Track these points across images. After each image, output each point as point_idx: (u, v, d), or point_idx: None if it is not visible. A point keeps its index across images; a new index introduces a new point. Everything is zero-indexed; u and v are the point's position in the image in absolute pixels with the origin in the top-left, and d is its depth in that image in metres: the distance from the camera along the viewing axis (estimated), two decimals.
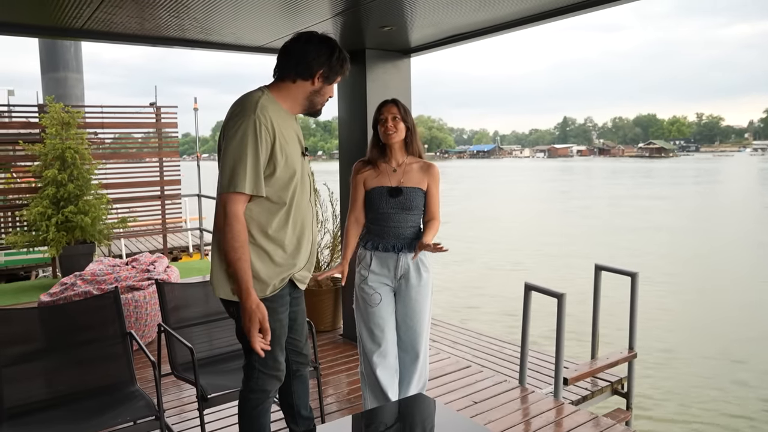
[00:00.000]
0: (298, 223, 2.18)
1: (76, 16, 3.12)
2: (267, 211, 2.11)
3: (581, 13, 3.23)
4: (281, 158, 2.07)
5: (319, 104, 2.23)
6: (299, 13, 3.28)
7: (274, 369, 2.23)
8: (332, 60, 2.16)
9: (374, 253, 2.82)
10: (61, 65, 11.17)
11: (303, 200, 2.20)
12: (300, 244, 2.20)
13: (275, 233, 2.12)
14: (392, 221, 2.79)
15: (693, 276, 12.41)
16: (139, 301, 4.47)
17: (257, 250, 2.11)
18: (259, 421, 2.28)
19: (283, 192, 2.11)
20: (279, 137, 2.07)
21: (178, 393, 3.67)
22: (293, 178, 2.12)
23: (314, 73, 2.15)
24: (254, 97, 2.10)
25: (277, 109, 2.12)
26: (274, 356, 2.21)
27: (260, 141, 2.01)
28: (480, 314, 9.47)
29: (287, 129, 2.13)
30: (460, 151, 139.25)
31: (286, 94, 2.17)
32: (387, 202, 2.78)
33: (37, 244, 7.09)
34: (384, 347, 2.82)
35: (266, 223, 2.11)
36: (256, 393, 2.23)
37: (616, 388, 4.14)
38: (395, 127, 2.75)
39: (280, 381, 2.28)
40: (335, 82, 2.24)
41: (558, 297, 3.43)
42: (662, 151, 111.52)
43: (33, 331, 2.79)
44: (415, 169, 2.82)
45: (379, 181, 2.81)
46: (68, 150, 7.02)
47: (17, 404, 2.60)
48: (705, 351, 7.78)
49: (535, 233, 18.52)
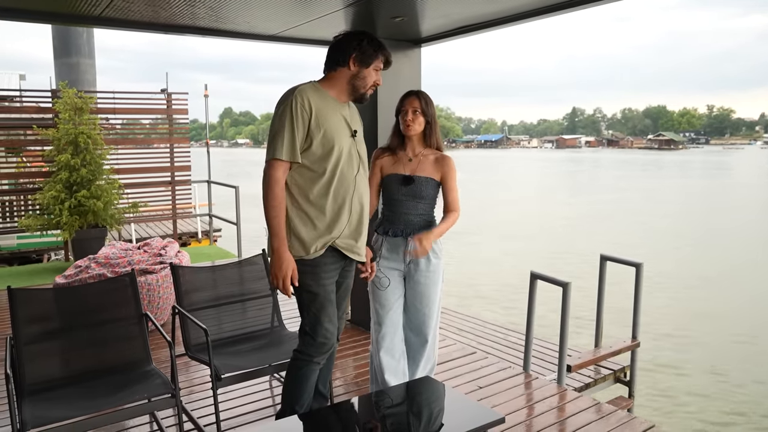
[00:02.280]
0: (339, 193, 2.42)
1: (94, 3, 3.17)
2: (308, 179, 2.40)
3: (592, 6, 3.26)
4: (318, 133, 2.36)
5: (362, 88, 2.48)
6: (312, 3, 3.33)
7: (321, 336, 2.44)
8: (362, 44, 2.43)
9: (385, 238, 2.92)
10: (74, 51, 11.23)
11: (348, 175, 2.44)
12: (340, 212, 2.42)
13: (316, 199, 2.39)
14: (403, 208, 2.88)
15: (698, 268, 12.43)
16: (152, 284, 4.56)
17: (300, 213, 2.40)
18: (300, 382, 2.50)
19: (321, 162, 2.38)
20: (317, 115, 2.36)
21: (189, 374, 3.77)
22: (331, 152, 2.38)
23: (348, 58, 2.43)
24: (298, 85, 2.42)
25: (321, 95, 2.42)
26: (321, 322, 2.44)
27: (296, 116, 2.33)
28: (485, 302, 9.55)
29: (331, 111, 2.42)
30: (468, 140, 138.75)
31: (332, 82, 2.48)
32: (399, 189, 2.87)
33: (51, 228, 7.20)
34: (385, 329, 2.92)
35: (308, 189, 2.40)
36: (303, 354, 2.49)
37: (619, 376, 4.21)
38: (414, 120, 2.83)
39: (328, 349, 2.49)
40: (372, 65, 2.47)
41: (563, 286, 3.49)
42: (672, 143, 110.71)
43: (52, 311, 2.88)
44: (430, 160, 2.90)
45: (394, 169, 2.91)
46: (81, 135, 7.09)
47: (37, 381, 2.69)
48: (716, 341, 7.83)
49: (540, 223, 18.53)
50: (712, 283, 11.18)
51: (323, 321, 2.45)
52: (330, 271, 2.46)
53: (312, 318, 2.45)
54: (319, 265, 2.42)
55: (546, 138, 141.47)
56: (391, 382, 2.88)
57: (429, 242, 2.77)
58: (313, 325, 2.45)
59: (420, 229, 2.87)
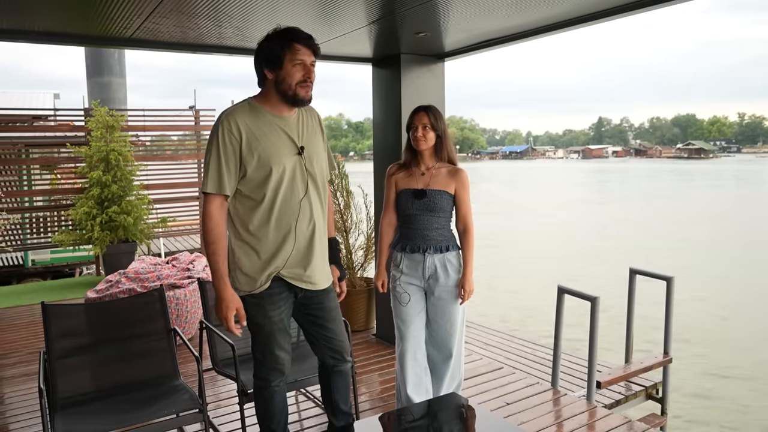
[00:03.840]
0: (283, 221, 2.25)
1: (126, 26, 3.27)
2: (248, 208, 2.25)
3: (614, 18, 3.23)
4: (251, 159, 2.19)
5: (288, 90, 2.21)
6: (335, 21, 3.37)
7: (272, 362, 2.41)
8: (265, 48, 2.23)
9: (404, 254, 2.92)
10: (106, 70, 11.58)
11: (292, 199, 2.25)
12: (285, 241, 2.26)
13: (256, 230, 2.25)
14: (418, 223, 2.87)
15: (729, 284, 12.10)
16: (180, 298, 4.63)
17: (242, 244, 2.27)
18: (266, 404, 2.48)
19: (258, 190, 2.22)
20: (248, 138, 2.19)
21: (216, 389, 3.80)
22: (269, 176, 2.20)
23: (261, 69, 2.24)
24: (228, 108, 2.27)
25: (256, 113, 2.24)
26: (271, 351, 2.39)
27: (223, 144, 2.18)
28: (512, 317, 9.43)
29: (268, 129, 2.23)
30: (492, 152, 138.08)
31: (265, 96, 2.28)
32: (412, 203, 2.86)
33: (83, 243, 7.38)
34: (407, 344, 2.91)
35: (248, 219, 2.25)
36: (259, 380, 2.46)
37: (651, 392, 4.11)
38: (424, 136, 2.83)
39: (281, 373, 2.45)
40: (287, 62, 2.18)
41: (591, 300, 3.44)
42: (701, 152, 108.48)
43: (83, 326, 2.94)
44: (443, 173, 2.89)
45: (407, 183, 2.91)
46: (112, 152, 7.28)
47: (69, 395, 2.74)
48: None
49: (568, 236, 18.29)
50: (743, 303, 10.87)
51: (273, 349, 2.38)
52: (277, 302, 2.32)
53: (260, 347, 2.40)
54: (264, 297, 2.29)
55: (572, 148, 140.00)
56: (414, 399, 2.86)
57: (469, 283, 2.88)
58: (262, 352, 2.40)
59: (438, 243, 2.86)
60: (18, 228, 7.83)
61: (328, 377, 2.55)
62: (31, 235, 8.08)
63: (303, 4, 3.02)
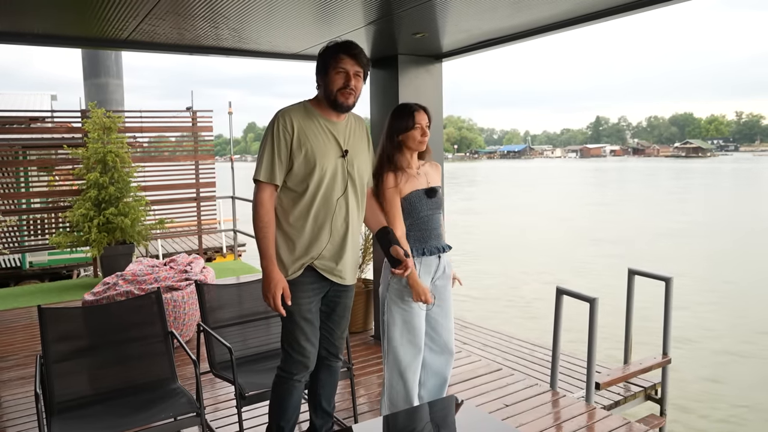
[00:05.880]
0: (320, 215, 2.42)
1: (122, 28, 3.26)
2: (291, 200, 2.42)
3: (611, 19, 3.23)
4: (300, 153, 2.37)
5: (331, 95, 2.39)
6: (333, 22, 3.36)
7: (297, 353, 2.48)
8: (319, 58, 2.45)
9: (419, 259, 2.76)
10: (103, 72, 11.56)
11: (331, 197, 2.42)
12: (320, 234, 2.42)
13: (296, 221, 2.42)
14: (432, 223, 2.80)
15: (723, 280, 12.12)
16: (178, 300, 4.61)
17: (282, 234, 2.44)
18: (283, 398, 2.54)
19: (302, 184, 2.39)
20: (299, 135, 2.38)
21: (214, 391, 3.79)
22: (313, 172, 2.37)
23: (317, 76, 2.47)
24: (284, 107, 2.46)
25: (309, 115, 2.44)
26: (297, 340, 2.47)
27: (277, 138, 2.37)
28: (510, 317, 9.43)
29: (318, 130, 2.42)
30: (491, 151, 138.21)
31: (318, 101, 2.49)
32: (426, 203, 2.77)
33: (80, 245, 7.35)
34: (420, 355, 2.85)
35: (290, 210, 2.42)
36: (283, 372, 2.54)
37: (650, 393, 4.10)
38: (428, 136, 2.79)
39: (306, 367, 2.51)
40: (331, 69, 2.38)
41: (590, 301, 3.43)
42: (699, 150, 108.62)
43: (80, 329, 2.92)
44: (430, 169, 2.89)
45: (412, 186, 2.78)
46: (109, 154, 7.26)
47: (66, 399, 2.72)
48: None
49: (566, 236, 18.30)
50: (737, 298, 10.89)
51: (299, 339, 2.47)
52: (308, 290, 2.46)
53: (288, 335, 2.49)
54: (296, 284, 2.43)
55: (570, 147, 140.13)
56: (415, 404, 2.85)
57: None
58: (290, 342, 2.49)
59: (445, 243, 2.88)
60: (15, 230, 7.81)
61: (317, 370, 2.62)
62: (29, 236, 8.05)
63: (300, 6, 3.01)
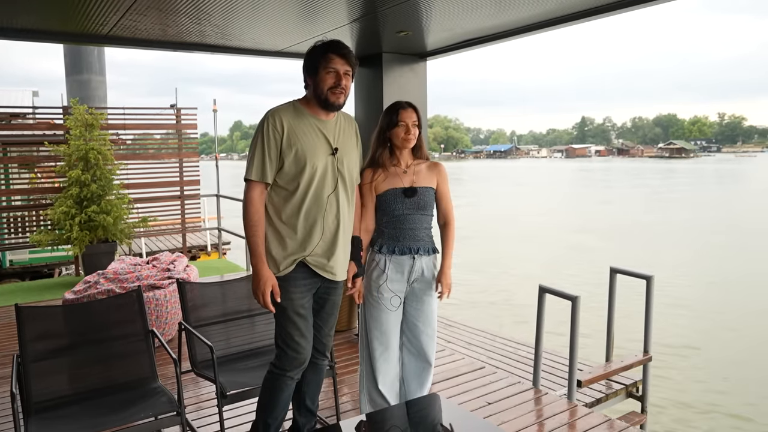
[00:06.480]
0: (311, 213, 2.45)
1: (102, 23, 3.22)
2: (282, 198, 2.45)
3: (596, 18, 3.25)
4: (290, 152, 2.40)
5: (321, 95, 2.42)
6: (317, 20, 3.35)
7: (292, 349, 2.49)
8: (307, 57, 2.45)
9: (390, 257, 2.78)
10: (85, 68, 11.41)
11: (322, 194, 2.45)
12: (312, 231, 2.45)
13: (288, 218, 2.45)
14: (408, 223, 2.77)
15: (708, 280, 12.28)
16: (160, 299, 4.57)
17: (274, 231, 2.47)
18: (273, 394, 2.55)
19: (293, 182, 2.42)
20: (289, 134, 2.41)
21: (197, 390, 3.76)
22: (303, 170, 2.40)
23: (305, 76, 2.49)
24: (274, 107, 2.47)
25: (298, 114, 2.47)
26: (291, 336, 2.48)
27: (267, 137, 2.40)
28: (494, 315, 9.47)
29: (308, 128, 2.45)
30: (477, 151, 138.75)
31: (307, 100, 2.52)
32: (402, 203, 2.75)
33: (61, 243, 7.26)
34: (389, 354, 2.87)
35: (281, 208, 2.45)
36: (276, 368, 2.55)
37: (631, 390, 4.14)
38: (414, 133, 2.75)
39: (299, 364, 2.53)
40: (321, 69, 2.40)
41: (572, 300, 3.45)
42: (683, 151, 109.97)
43: (59, 328, 2.88)
44: (424, 169, 2.84)
45: (390, 183, 2.76)
46: (91, 151, 7.17)
47: (44, 399, 2.68)
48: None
49: (551, 235, 18.42)
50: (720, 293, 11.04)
51: (293, 334, 2.49)
52: (300, 286, 2.49)
53: (282, 332, 2.51)
54: (288, 279, 2.47)
55: (555, 147, 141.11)
56: (392, 403, 2.85)
57: (449, 277, 2.86)
58: (284, 338, 2.51)
59: (427, 243, 2.82)
60: None
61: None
62: (9, 235, 7.94)
63: (284, 3, 3.00)
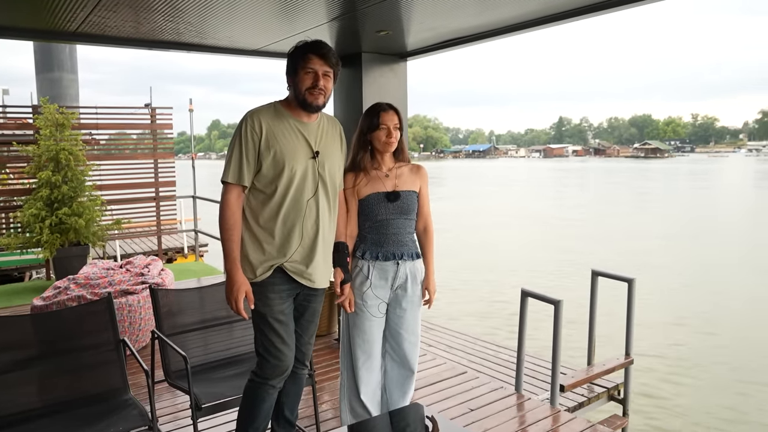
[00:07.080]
0: (290, 217, 2.38)
1: (69, 19, 3.08)
2: (260, 201, 2.38)
3: (577, 20, 3.22)
4: (268, 154, 2.33)
5: (299, 95, 2.36)
6: (295, 18, 3.26)
7: (274, 357, 2.42)
8: (288, 59, 2.40)
9: (374, 263, 2.71)
10: (56, 66, 11.10)
11: (301, 198, 2.37)
12: (290, 236, 2.38)
13: (265, 222, 2.38)
14: (392, 228, 2.69)
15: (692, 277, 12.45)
16: (133, 305, 4.44)
17: (251, 236, 2.40)
18: (255, 404, 2.47)
19: (271, 185, 2.35)
20: (267, 135, 2.34)
21: (173, 399, 3.64)
22: (282, 173, 2.33)
23: (287, 77, 2.43)
24: (254, 108, 2.42)
25: (278, 115, 2.40)
26: (273, 343, 2.41)
27: (245, 139, 2.34)
28: (476, 319, 9.46)
29: (287, 131, 2.38)
30: (456, 150, 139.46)
31: (288, 102, 2.45)
32: (385, 207, 2.68)
33: (31, 246, 7.03)
34: (372, 363, 2.80)
35: (259, 212, 2.39)
36: (257, 377, 2.48)
37: (613, 394, 4.13)
38: (395, 136, 2.67)
39: (281, 372, 2.45)
40: (300, 70, 2.35)
41: (555, 303, 3.42)
42: (657, 151, 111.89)
43: (26, 338, 2.75)
44: (406, 173, 2.76)
45: (372, 188, 2.69)
46: (62, 152, 6.95)
47: (9, 413, 2.56)
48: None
49: (531, 238, 18.53)
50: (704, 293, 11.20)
51: (275, 342, 2.42)
52: (279, 291, 2.42)
53: (263, 338, 2.44)
54: (265, 285, 2.40)
55: (533, 147, 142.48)
56: (374, 413, 2.78)
57: (433, 284, 2.82)
58: (265, 345, 2.44)
59: (411, 248, 2.75)
60: None
61: None
62: None
63: (262, 1, 2.90)
